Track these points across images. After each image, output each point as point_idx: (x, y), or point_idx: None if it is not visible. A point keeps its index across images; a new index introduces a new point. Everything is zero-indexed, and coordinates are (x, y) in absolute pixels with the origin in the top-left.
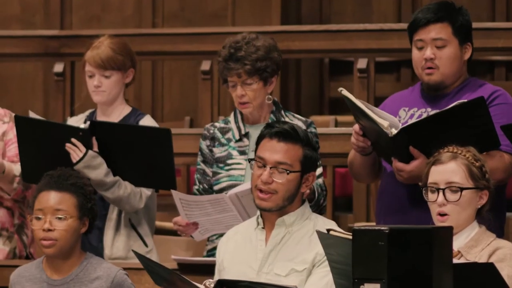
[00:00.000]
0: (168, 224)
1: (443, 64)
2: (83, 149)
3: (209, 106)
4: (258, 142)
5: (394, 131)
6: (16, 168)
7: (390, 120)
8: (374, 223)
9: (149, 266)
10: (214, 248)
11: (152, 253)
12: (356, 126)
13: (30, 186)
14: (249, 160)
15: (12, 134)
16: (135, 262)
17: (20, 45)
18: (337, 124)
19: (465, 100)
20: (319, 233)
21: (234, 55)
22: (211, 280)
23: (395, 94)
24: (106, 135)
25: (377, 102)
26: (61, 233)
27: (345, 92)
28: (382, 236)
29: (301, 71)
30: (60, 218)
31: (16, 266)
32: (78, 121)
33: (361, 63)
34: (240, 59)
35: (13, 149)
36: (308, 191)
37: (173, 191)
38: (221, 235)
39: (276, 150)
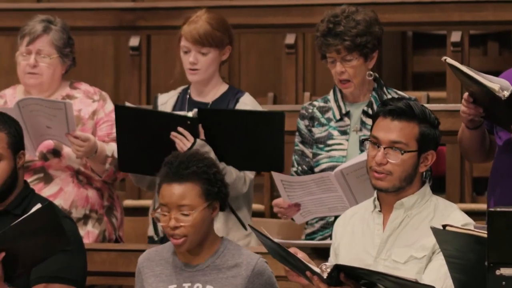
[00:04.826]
0: (254, 206)
1: None
2: (191, 138)
3: (294, 82)
4: (373, 121)
5: (507, 94)
6: (109, 148)
7: (501, 83)
8: (469, 204)
9: (267, 243)
10: (314, 232)
11: (251, 236)
12: (466, 94)
13: None
14: (363, 140)
15: (103, 113)
16: None
17: (93, 18)
18: (429, 100)
19: None
20: (433, 229)
21: (332, 30)
22: (327, 264)
23: (510, 70)
24: (214, 122)
25: None
26: (188, 228)
27: (449, 60)
28: None
29: (382, 45)
30: (185, 214)
31: (105, 250)
32: (169, 98)
33: (455, 36)
34: (339, 35)
35: (104, 128)
36: None
37: (273, 173)
38: (322, 218)
39: (390, 129)
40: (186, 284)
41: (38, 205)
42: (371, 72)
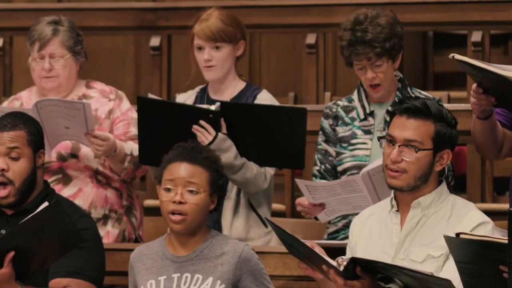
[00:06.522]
0: (275, 206)
1: None
2: (213, 132)
3: (315, 82)
4: (390, 119)
5: None
6: (127, 147)
7: None
8: (489, 204)
9: (285, 237)
10: (336, 231)
11: (272, 234)
12: (474, 85)
13: (141, 165)
14: (379, 138)
15: (119, 112)
16: (254, 244)
17: (114, 18)
18: (450, 100)
19: None
20: (446, 237)
21: (361, 39)
22: (344, 257)
23: None
24: (236, 116)
25: None
26: (192, 207)
27: (458, 56)
28: None
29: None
30: (192, 192)
31: (126, 250)
32: (188, 98)
33: (476, 36)
34: (369, 42)
35: (120, 127)
36: None
37: (297, 180)
38: (344, 217)
39: (405, 127)
40: (176, 275)
41: (45, 203)
42: (398, 72)
